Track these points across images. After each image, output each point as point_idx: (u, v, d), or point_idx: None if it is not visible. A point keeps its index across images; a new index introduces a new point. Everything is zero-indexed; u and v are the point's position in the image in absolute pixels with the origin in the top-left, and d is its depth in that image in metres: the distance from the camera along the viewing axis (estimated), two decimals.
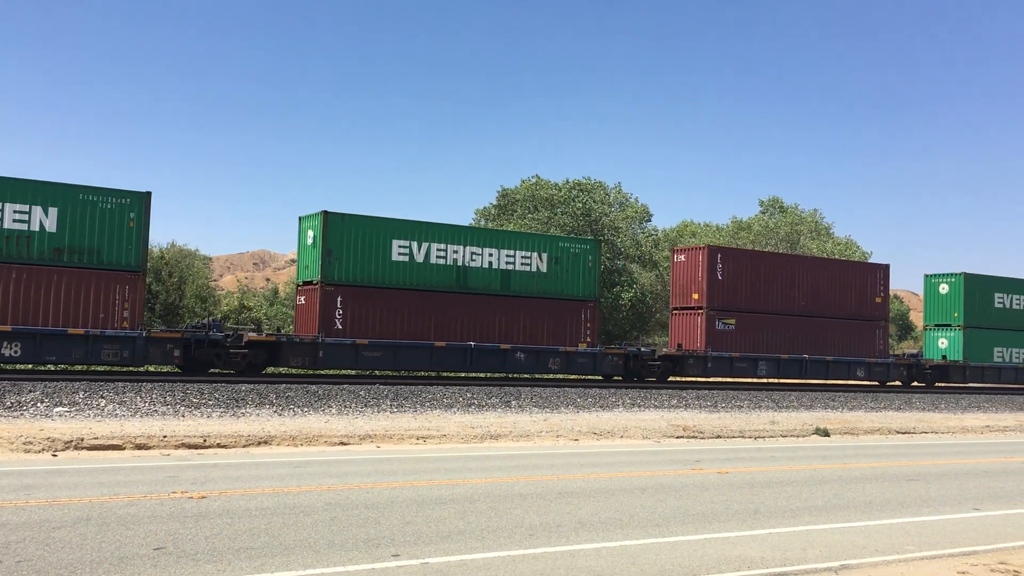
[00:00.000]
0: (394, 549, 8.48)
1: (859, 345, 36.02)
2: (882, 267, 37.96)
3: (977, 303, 39.78)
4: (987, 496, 13.41)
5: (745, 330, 33.25)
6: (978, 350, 39.47)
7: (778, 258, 37.52)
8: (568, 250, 30.60)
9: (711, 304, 32.71)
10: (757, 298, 33.73)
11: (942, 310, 40.41)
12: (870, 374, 36.28)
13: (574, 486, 12.73)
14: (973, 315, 39.61)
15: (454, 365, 28.40)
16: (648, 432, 20.87)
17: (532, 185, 54.88)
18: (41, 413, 17.56)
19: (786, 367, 34.10)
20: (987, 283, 40.65)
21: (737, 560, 8.66)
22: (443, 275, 28.35)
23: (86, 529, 8.77)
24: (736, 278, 33.32)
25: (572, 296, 30.32)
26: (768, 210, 65.63)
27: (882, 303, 37.12)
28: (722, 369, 32.72)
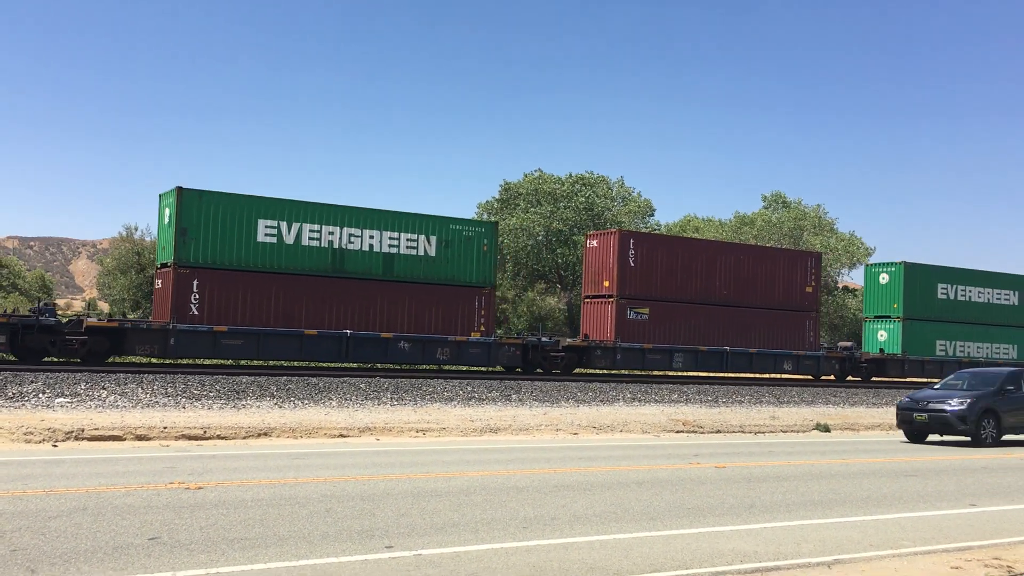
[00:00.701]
0: (388, 541, 8.51)
1: (787, 337, 34.21)
2: (813, 255, 36.71)
3: (918, 294, 37.59)
4: (984, 492, 13.41)
5: (660, 320, 31.44)
6: (919, 343, 37.42)
7: (698, 244, 35.69)
8: (460, 233, 28.49)
9: (622, 292, 30.81)
10: (674, 286, 31.97)
11: (882, 301, 38.23)
12: (798, 367, 34.55)
13: (571, 480, 12.75)
14: (914, 306, 37.46)
15: (328, 355, 26.53)
16: (648, 426, 20.88)
17: (535, 179, 54.88)
18: (42, 404, 17.63)
19: (705, 359, 32.35)
20: (930, 273, 38.56)
21: (730, 554, 8.67)
22: (317, 258, 26.33)
23: (82, 518, 8.81)
24: (650, 265, 31.47)
25: (464, 282, 28.35)
26: (771, 205, 65.52)
27: (813, 293, 35.32)
28: (633, 361, 31.05)
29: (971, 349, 38.71)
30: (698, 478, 13.47)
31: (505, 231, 52.54)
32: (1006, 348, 39.63)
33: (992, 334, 39.37)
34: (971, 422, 19.95)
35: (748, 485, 12.96)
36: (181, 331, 24.36)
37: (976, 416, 20.03)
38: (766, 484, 13.15)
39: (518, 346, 29.41)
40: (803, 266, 35.19)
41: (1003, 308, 39.85)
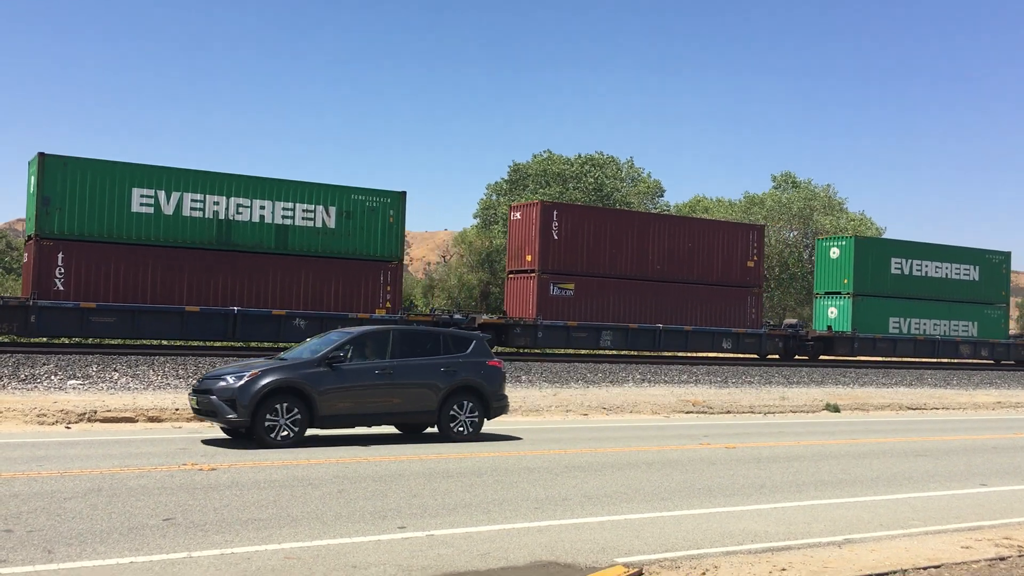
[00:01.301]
0: (400, 521, 8.56)
1: (727, 314, 32.43)
2: (756, 228, 34.66)
3: (870, 269, 35.94)
4: (995, 472, 13.40)
5: (587, 296, 29.81)
6: (870, 320, 35.74)
7: (629, 216, 33.46)
8: (363, 203, 26.67)
9: (545, 267, 29.14)
10: (602, 260, 30.26)
11: (832, 276, 36.61)
12: (738, 345, 32.75)
13: (581, 460, 12.79)
14: (865, 282, 35.82)
15: (213, 333, 24.69)
16: (657, 407, 20.91)
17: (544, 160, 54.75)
18: (55, 386, 17.74)
19: (636, 337, 30.65)
20: (882, 247, 37.29)
21: (741, 534, 8.70)
22: (200, 230, 24.49)
23: (96, 500, 8.88)
24: (576, 238, 29.76)
25: (368, 256, 26.59)
26: (781, 185, 65.25)
27: (755, 267, 33.27)
28: (556, 339, 29.43)
29: (927, 326, 37.20)
30: (708, 459, 13.50)
31: None
32: (966, 325, 38.12)
33: (951, 310, 37.85)
34: (245, 408, 12.73)
35: (758, 465, 12.98)
36: (43, 308, 22.58)
37: (254, 400, 12.76)
38: (776, 464, 13.17)
39: (427, 323, 27.16)
40: (745, 239, 33.28)
41: (963, 283, 38.30)
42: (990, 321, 38.80)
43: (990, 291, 38.99)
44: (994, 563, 7.94)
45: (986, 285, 38.75)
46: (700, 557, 7.79)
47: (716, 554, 7.92)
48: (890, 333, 36.26)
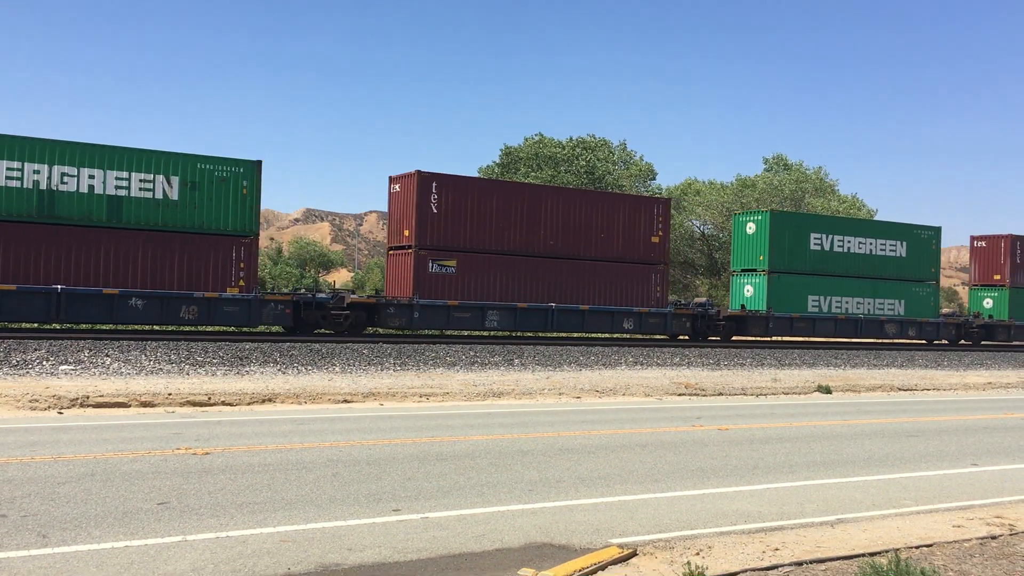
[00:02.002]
0: (395, 504, 8.58)
1: (630, 292, 30.72)
2: (661, 201, 32.71)
3: (787, 245, 34.27)
4: (986, 451, 13.49)
5: (470, 274, 28.05)
6: (787, 298, 34.08)
7: (517, 188, 31.04)
8: (211, 173, 24.48)
9: (422, 242, 27.44)
10: (487, 236, 28.47)
11: (748, 253, 34.85)
12: (642, 326, 31.01)
13: (574, 443, 12.83)
14: (781, 258, 34.15)
15: (33, 314, 22.61)
16: (650, 389, 20.97)
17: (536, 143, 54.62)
18: (47, 371, 17.70)
19: (526, 318, 28.88)
20: (800, 222, 35.75)
21: (734, 514, 8.75)
22: (17, 201, 22.32)
23: (91, 484, 8.88)
24: (458, 211, 28.01)
25: (218, 230, 24.48)
26: (773, 168, 65.26)
27: (660, 243, 31.52)
28: (435, 319, 27.63)
29: (850, 304, 35.57)
30: (701, 440, 13.55)
31: None
32: (892, 303, 36.65)
33: (877, 288, 36.28)
34: None
35: (751, 447, 13.04)
36: None
37: None
38: (769, 446, 13.23)
39: (288, 303, 25.64)
40: (648, 213, 31.40)
41: (889, 260, 36.74)
42: (919, 299, 37.46)
43: (919, 268, 37.56)
44: (985, 541, 8.00)
45: (914, 262, 37.34)
46: (694, 537, 7.83)
47: (709, 534, 7.96)
48: (809, 312, 34.63)
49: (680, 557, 7.18)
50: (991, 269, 41.39)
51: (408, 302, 27.15)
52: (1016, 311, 40.55)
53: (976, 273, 42.26)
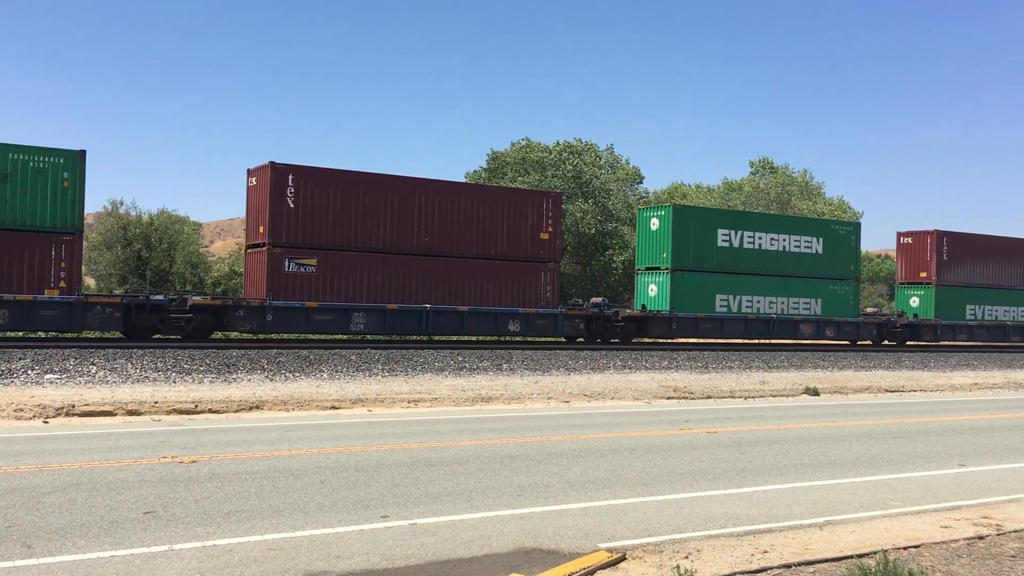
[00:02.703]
0: (383, 510, 8.54)
1: (516, 292, 28.86)
2: (551, 195, 30.49)
3: (692, 241, 32.43)
4: (972, 452, 13.54)
5: (333, 273, 26.23)
6: (692, 298, 32.32)
7: (388, 181, 27.88)
8: (25, 164, 22.45)
9: (277, 239, 25.57)
10: (354, 232, 26.61)
11: (652, 250, 32.91)
12: (529, 327, 29.09)
13: (563, 447, 12.82)
14: (686, 255, 32.33)
15: None
16: (639, 393, 20.98)
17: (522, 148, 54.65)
18: (32, 380, 17.58)
19: (398, 320, 26.98)
20: (706, 217, 33.78)
21: (723, 517, 8.75)
22: None
23: (76, 494, 8.81)
24: (319, 206, 26.17)
25: (33, 226, 22.49)
26: (759, 171, 65.54)
27: (551, 240, 29.51)
28: (292, 323, 25.70)
29: (762, 304, 33.82)
30: (690, 443, 13.56)
31: None
32: (807, 302, 35.00)
33: (791, 286, 34.57)
34: None
35: (739, 449, 13.05)
36: None
37: None
38: (757, 448, 13.25)
39: (117, 307, 23.68)
40: (537, 208, 29.48)
41: (804, 257, 35.02)
42: (837, 298, 35.82)
43: (837, 265, 35.92)
44: (973, 542, 8.02)
45: (832, 259, 35.72)
46: (683, 541, 7.83)
47: (698, 538, 7.96)
48: (716, 312, 32.82)
49: (669, 561, 7.18)
50: (917, 266, 39.67)
51: (260, 304, 25.24)
52: (943, 310, 38.92)
53: (903, 271, 40.60)
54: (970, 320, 39.66)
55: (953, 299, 39.21)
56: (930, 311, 38.85)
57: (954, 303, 39.22)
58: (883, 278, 76.15)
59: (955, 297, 39.29)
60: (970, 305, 39.72)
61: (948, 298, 39.12)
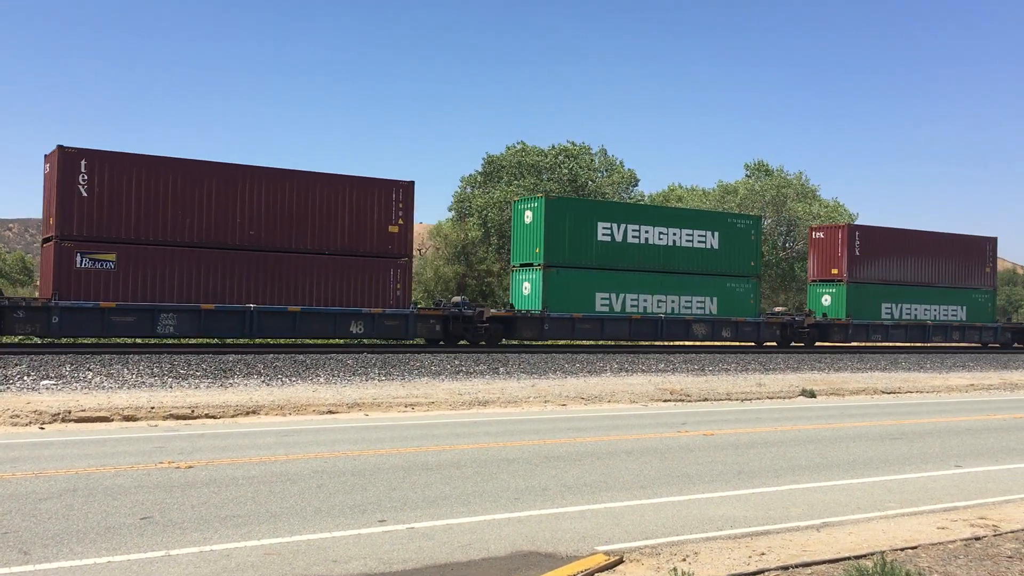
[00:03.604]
0: (380, 515, 8.54)
1: (361, 290, 26.66)
2: (401, 185, 27.41)
3: (568, 235, 30.12)
4: (969, 453, 13.56)
5: (137, 269, 23.87)
6: (569, 296, 30.09)
7: (204, 168, 25.14)
8: None
9: (67, 231, 23.10)
10: (161, 224, 24.25)
11: (527, 245, 30.52)
12: (375, 329, 26.87)
13: (560, 450, 12.81)
14: (560, 251, 29.99)
15: None
16: (636, 396, 20.98)
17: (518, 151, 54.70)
18: (28, 386, 17.53)
19: (215, 321, 24.70)
20: (584, 209, 31.33)
21: (720, 520, 8.75)
22: None
23: (72, 500, 8.79)
24: (118, 194, 23.74)
25: None
26: (754, 174, 65.63)
27: (401, 233, 27.29)
28: (85, 325, 23.16)
29: (649, 303, 31.59)
30: (687, 446, 13.56)
31: (489, 204, 52.42)
32: (702, 301, 32.81)
33: (683, 284, 32.43)
34: None
35: (736, 452, 13.06)
36: None
37: None
38: (754, 450, 13.25)
39: None
40: (385, 198, 27.08)
41: (698, 252, 32.80)
42: (735, 296, 33.60)
43: (735, 262, 33.71)
44: (970, 543, 8.03)
45: (729, 254, 33.48)
46: (680, 543, 7.83)
47: (696, 540, 7.96)
48: (597, 312, 30.51)
49: (667, 563, 7.18)
50: (829, 263, 37.51)
51: (44, 304, 22.85)
52: (854, 309, 36.93)
53: (814, 268, 38.47)
54: (886, 320, 37.70)
55: (867, 297, 37.27)
56: (841, 310, 36.93)
57: (868, 302, 37.29)
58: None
59: (869, 295, 37.34)
60: (886, 304, 37.81)
61: (861, 296, 37.16)
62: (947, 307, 39.55)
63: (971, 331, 40.33)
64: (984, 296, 40.92)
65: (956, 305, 39.79)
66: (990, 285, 41.21)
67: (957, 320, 39.87)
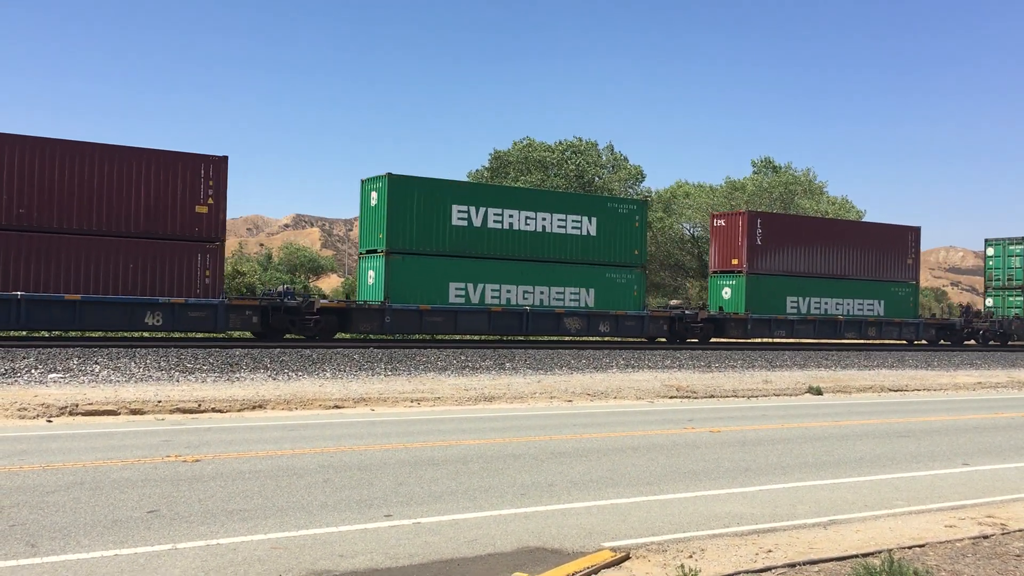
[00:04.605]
0: (387, 510, 8.54)
1: (160, 278, 23.57)
2: (212, 160, 24.23)
3: (416, 219, 27.15)
4: (977, 451, 13.52)
5: None
6: (419, 286, 27.11)
7: None
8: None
9: None
10: None
11: (372, 230, 27.65)
12: (177, 321, 23.77)
13: (567, 446, 12.80)
14: (407, 236, 27.00)
15: None
16: (642, 392, 20.96)
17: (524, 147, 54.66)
18: (35, 379, 17.59)
19: None
20: (436, 189, 27.66)
21: (726, 516, 8.73)
22: None
23: (80, 493, 8.81)
24: None
25: None
26: (761, 170, 65.46)
27: (212, 214, 24.24)
28: None
29: (515, 294, 28.62)
30: (693, 442, 13.54)
31: None
32: (576, 292, 29.85)
33: (554, 274, 29.42)
34: None
35: (742, 449, 13.03)
36: None
37: None
38: (760, 447, 13.23)
39: None
40: (192, 175, 24.03)
41: (572, 239, 29.81)
42: (615, 287, 30.54)
43: (616, 250, 30.66)
44: (978, 541, 8.00)
45: (609, 242, 30.47)
46: (686, 540, 7.81)
47: (702, 537, 7.95)
48: (451, 303, 27.58)
49: (673, 560, 7.16)
50: (730, 253, 34.40)
51: None
52: (754, 303, 33.78)
53: (715, 258, 35.34)
54: (791, 314, 34.68)
55: (770, 290, 34.26)
56: (741, 304, 33.85)
57: (771, 295, 34.28)
58: None
59: (772, 288, 34.31)
60: (792, 297, 34.78)
61: (763, 289, 34.10)
62: (863, 301, 36.58)
63: (889, 327, 37.13)
64: (905, 290, 38.00)
65: (873, 299, 36.84)
66: (912, 278, 38.36)
67: (874, 315, 36.84)
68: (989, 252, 44.68)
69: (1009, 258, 43.83)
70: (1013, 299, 43.27)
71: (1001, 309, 43.32)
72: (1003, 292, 43.80)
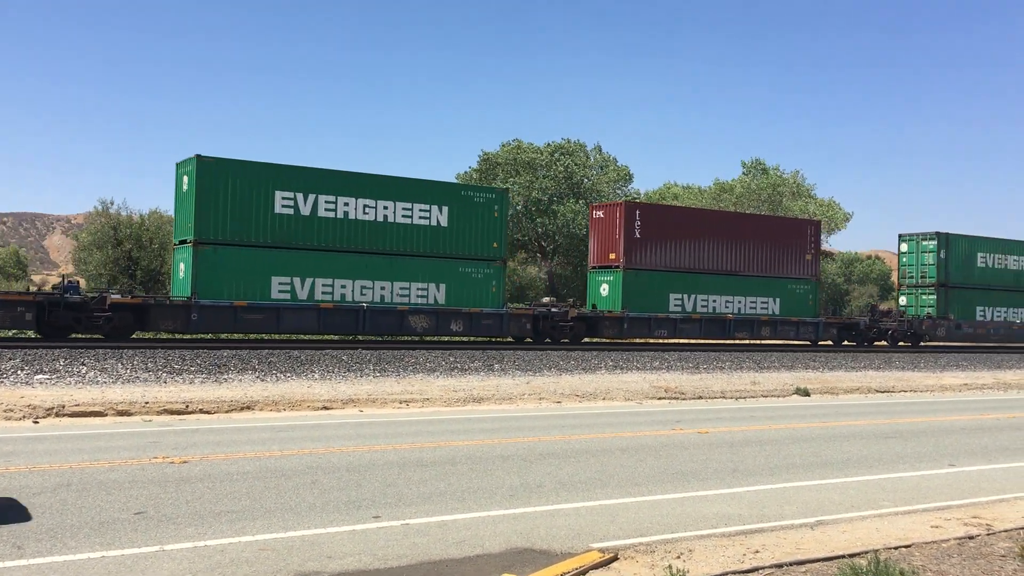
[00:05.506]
0: (375, 511, 8.53)
1: None
2: None
3: (232, 206, 24.87)
4: (963, 452, 13.59)
5: None
6: (234, 279, 24.86)
7: None
8: None
9: None
10: None
11: (184, 219, 25.44)
12: None
13: (555, 447, 12.81)
14: (220, 224, 24.72)
15: None
16: (630, 394, 20.99)
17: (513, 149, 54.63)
18: (21, 380, 17.49)
19: None
20: (255, 174, 25.32)
21: (714, 517, 8.76)
22: None
23: (66, 494, 8.77)
24: None
25: None
26: (751, 172, 65.64)
27: None
28: None
29: (350, 290, 26.44)
30: (681, 444, 13.57)
31: None
32: (424, 288, 27.67)
33: (398, 268, 27.28)
34: None
35: (731, 450, 13.07)
36: None
37: None
38: (748, 448, 13.27)
39: None
40: None
41: (419, 230, 27.61)
42: (470, 283, 28.39)
43: (470, 242, 28.52)
44: (963, 541, 8.05)
45: (463, 233, 28.39)
46: (675, 541, 7.83)
47: (690, 538, 7.97)
48: (273, 299, 25.34)
49: (661, 560, 7.18)
50: (607, 247, 32.29)
51: None
52: (631, 300, 31.60)
53: (594, 253, 33.11)
54: (675, 312, 32.53)
55: (649, 286, 32.12)
56: (618, 301, 31.65)
57: (652, 291, 32.16)
58: (873, 279, 76.40)
59: (652, 284, 32.20)
60: (675, 294, 32.70)
61: (642, 285, 31.95)
62: (756, 299, 34.48)
63: (785, 326, 34.94)
64: (804, 287, 35.83)
65: (767, 297, 34.70)
66: (812, 275, 36.13)
67: (768, 314, 34.70)
68: (903, 248, 41.80)
69: (923, 254, 41.03)
70: (926, 297, 40.78)
71: (914, 308, 40.90)
72: (916, 290, 41.11)
